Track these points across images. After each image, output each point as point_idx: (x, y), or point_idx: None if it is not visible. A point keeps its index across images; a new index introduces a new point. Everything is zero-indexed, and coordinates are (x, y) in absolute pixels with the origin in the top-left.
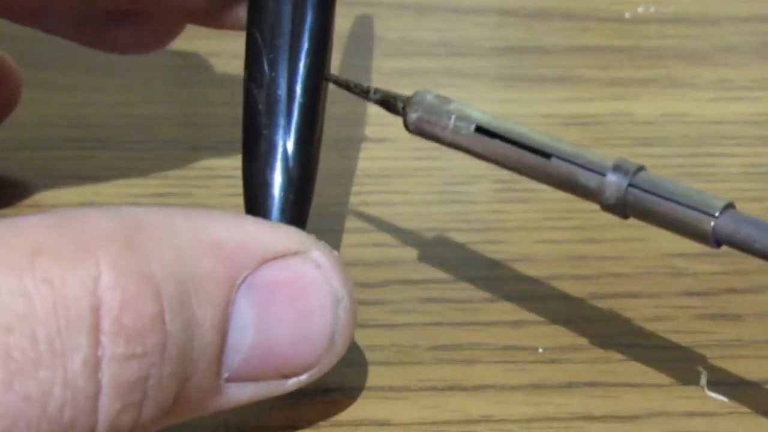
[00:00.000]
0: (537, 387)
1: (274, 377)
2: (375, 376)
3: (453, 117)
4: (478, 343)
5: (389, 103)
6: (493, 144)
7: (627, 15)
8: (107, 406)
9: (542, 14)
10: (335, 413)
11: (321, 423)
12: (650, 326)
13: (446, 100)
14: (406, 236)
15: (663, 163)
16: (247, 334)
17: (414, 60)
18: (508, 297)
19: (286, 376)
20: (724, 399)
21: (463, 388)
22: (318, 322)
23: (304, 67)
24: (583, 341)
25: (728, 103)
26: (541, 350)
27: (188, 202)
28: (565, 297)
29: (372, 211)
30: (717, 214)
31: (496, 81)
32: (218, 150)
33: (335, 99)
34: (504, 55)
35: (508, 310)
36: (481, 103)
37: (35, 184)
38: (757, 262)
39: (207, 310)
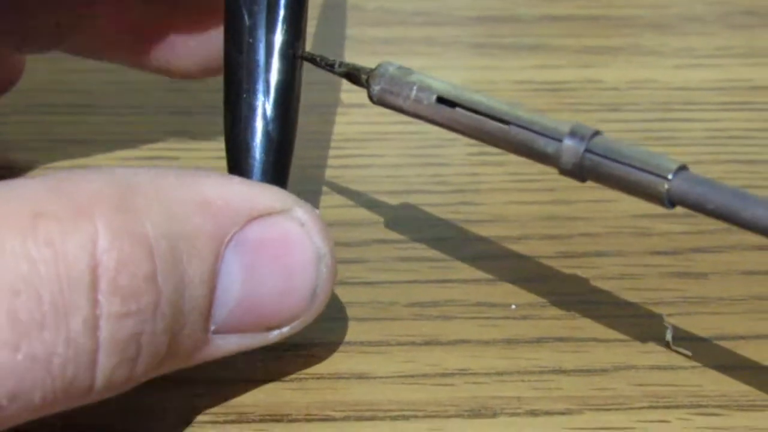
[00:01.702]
0: (509, 342)
1: (258, 329)
2: (355, 331)
3: (414, 88)
4: (454, 300)
5: (353, 75)
6: (454, 113)
7: None
8: (105, 361)
9: None
10: (317, 366)
11: (303, 376)
12: (618, 284)
13: (408, 72)
14: (384, 197)
15: (630, 127)
16: (234, 288)
17: (392, 29)
18: (482, 256)
19: (270, 329)
20: (688, 353)
21: (439, 343)
22: (301, 278)
23: (282, 34)
24: (554, 298)
25: (693, 70)
26: (513, 307)
27: (176, 164)
28: (537, 256)
29: (351, 173)
30: (670, 176)
31: (471, 49)
32: (205, 115)
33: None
34: (479, 24)
35: (482, 269)
36: (457, 70)
37: (29, 147)
38: (720, 223)
39: (197, 266)
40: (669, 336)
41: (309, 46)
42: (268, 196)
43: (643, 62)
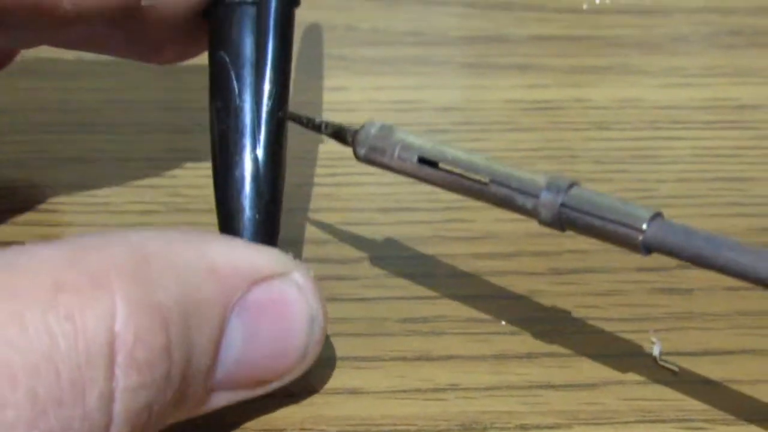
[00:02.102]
0: (499, 357)
1: (251, 386)
2: (348, 347)
3: (397, 149)
4: (445, 316)
5: (340, 135)
6: (435, 172)
7: (584, 6)
8: (116, 431)
9: (505, 5)
10: (311, 382)
11: (297, 391)
12: (605, 300)
13: (390, 131)
14: (376, 215)
15: (618, 146)
16: (233, 351)
17: (385, 48)
18: (473, 272)
19: (261, 384)
20: (675, 368)
21: (430, 359)
22: (295, 339)
23: (269, 97)
24: (543, 314)
25: (679, 89)
26: (503, 323)
27: (171, 182)
28: (526, 272)
29: (344, 191)
30: (645, 225)
31: (461, 68)
32: (202, 133)
33: (311, 85)
34: (469, 44)
35: (473, 285)
36: (448, 89)
37: (28, 166)
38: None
39: (204, 332)
40: (656, 351)
41: (301, 66)
42: (269, 259)
43: (630, 81)
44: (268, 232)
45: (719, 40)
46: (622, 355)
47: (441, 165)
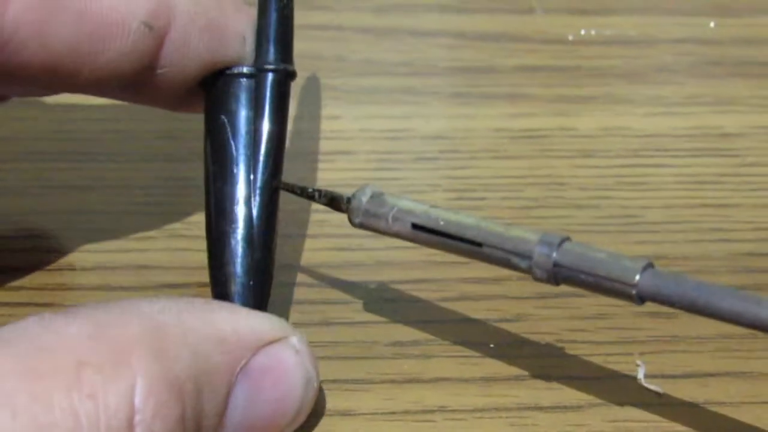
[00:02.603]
0: (488, 380)
1: None
2: (339, 370)
3: (390, 217)
4: (434, 339)
5: (334, 204)
6: (429, 237)
7: (570, 37)
8: None
9: (492, 37)
10: None
11: None
12: (592, 323)
13: (381, 199)
14: (367, 242)
15: (603, 173)
16: (235, 415)
17: (376, 78)
18: (462, 297)
19: None
20: (660, 390)
21: (420, 381)
22: (293, 400)
23: (264, 167)
24: (531, 337)
25: (663, 117)
26: (491, 346)
27: (168, 210)
28: (514, 296)
29: (336, 217)
30: (637, 278)
31: (450, 98)
32: (194, 162)
33: (304, 114)
34: (458, 74)
35: (462, 309)
36: (437, 118)
37: (26, 193)
38: (690, 266)
39: (213, 400)
40: (641, 374)
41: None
42: (270, 326)
43: (615, 110)
44: (260, 296)
45: (702, 69)
46: (607, 377)
47: (435, 230)
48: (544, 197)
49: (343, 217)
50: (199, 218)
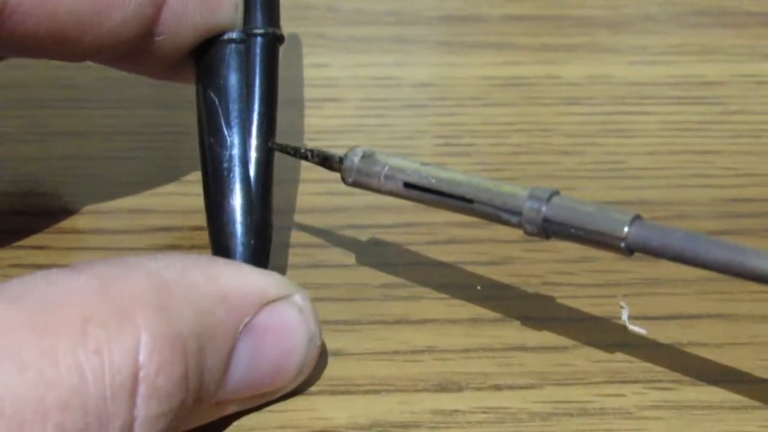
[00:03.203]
0: (475, 321)
1: (252, 399)
2: (330, 312)
3: (382, 176)
4: (422, 282)
5: (326, 163)
6: (421, 195)
7: None
8: None
9: None
10: None
11: None
12: (577, 267)
13: (373, 158)
14: None
15: (588, 120)
16: (238, 371)
17: (365, 27)
18: (450, 241)
19: (261, 396)
20: (643, 332)
21: (408, 322)
22: (295, 358)
23: (258, 129)
24: (516, 280)
25: (647, 66)
26: (478, 288)
27: (161, 155)
28: (500, 240)
29: None
30: (625, 229)
31: (438, 47)
32: (184, 108)
33: (294, 62)
34: (445, 23)
35: (449, 252)
36: (425, 67)
37: (24, 140)
38: (673, 212)
39: (216, 357)
40: (625, 315)
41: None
42: (274, 284)
43: (599, 59)
44: (261, 255)
45: (686, 19)
46: (592, 319)
47: (427, 187)
48: (530, 144)
49: None
50: (190, 163)
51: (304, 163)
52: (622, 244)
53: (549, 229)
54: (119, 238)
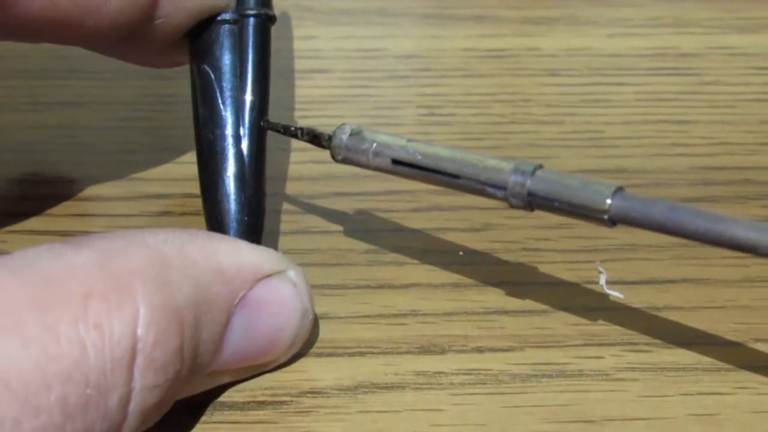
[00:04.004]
0: (457, 285)
1: (245, 370)
2: (316, 276)
3: (370, 152)
4: (406, 247)
5: (316, 141)
6: (409, 171)
7: None
8: (128, 428)
9: None
10: None
11: None
12: (556, 233)
13: (361, 135)
14: None
15: (568, 90)
16: (232, 344)
17: (351, 1)
18: (433, 207)
19: (254, 368)
20: (620, 296)
21: (392, 287)
22: (287, 332)
23: (251, 108)
24: (497, 246)
25: (625, 38)
26: (460, 253)
27: (153, 125)
28: (482, 207)
29: None
30: (608, 201)
31: (422, 19)
32: (182, 79)
33: (283, 35)
34: None
35: (432, 219)
36: (409, 39)
37: (17, 110)
38: (650, 179)
39: (211, 329)
40: (603, 280)
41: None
42: (269, 259)
43: (578, 31)
44: (254, 231)
45: None
46: (570, 283)
47: (414, 164)
48: (511, 114)
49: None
50: (181, 132)
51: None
52: (605, 216)
53: (533, 203)
54: (112, 205)
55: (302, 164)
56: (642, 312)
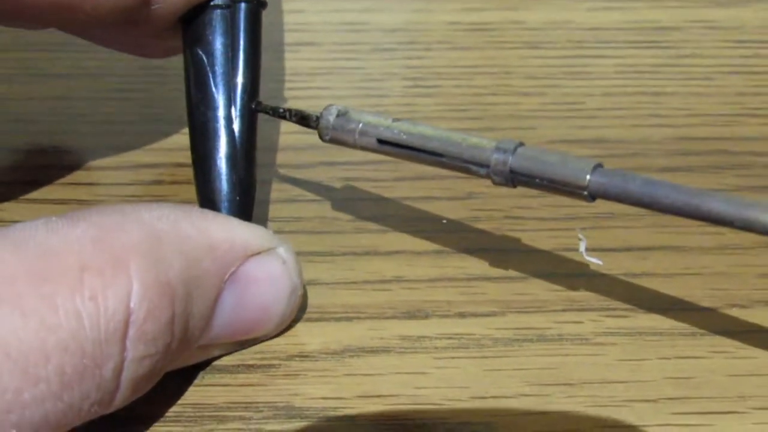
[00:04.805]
0: (440, 252)
1: (235, 344)
2: (303, 243)
3: (357, 133)
4: (391, 216)
5: (304, 122)
6: (394, 150)
7: None
8: (120, 396)
9: None
10: None
11: None
12: (538, 201)
13: (347, 116)
14: None
15: (549, 63)
16: (222, 318)
17: None
18: (417, 177)
19: (244, 342)
20: (599, 263)
21: (377, 253)
22: (276, 308)
23: (242, 90)
24: (480, 214)
25: (605, 12)
26: (444, 221)
27: (145, 96)
28: (465, 177)
29: (301, 104)
30: (588, 177)
31: None
32: None
33: (271, 8)
34: None
35: (417, 188)
36: (395, 12)
37: (12, 81)
38: (628, 150)
39: (202, 304)
40: (582, 247)
41: None
42: (259, 236)
43: (560, 5)
44: (245, 209)
45: None
46: (551, 250)
47: (399, 143)
48: (494, 85)
49: (307, 103)
50: (173, 105)
51: (280, 104)
52: (585, 192)
53: (515, 180)
54: (105, 174)
55: (290, 134)
56: (620, 278)
